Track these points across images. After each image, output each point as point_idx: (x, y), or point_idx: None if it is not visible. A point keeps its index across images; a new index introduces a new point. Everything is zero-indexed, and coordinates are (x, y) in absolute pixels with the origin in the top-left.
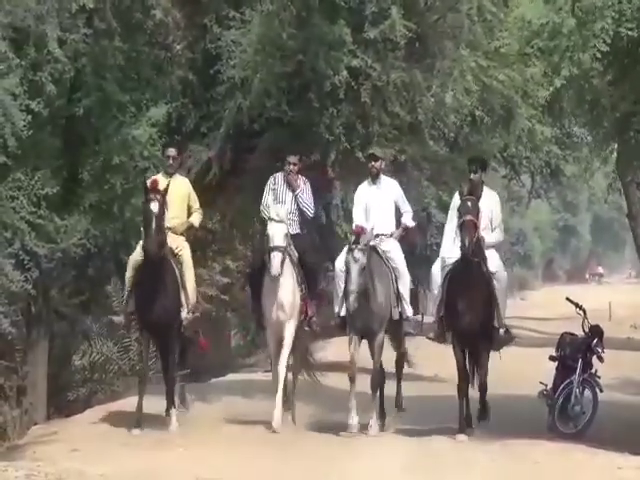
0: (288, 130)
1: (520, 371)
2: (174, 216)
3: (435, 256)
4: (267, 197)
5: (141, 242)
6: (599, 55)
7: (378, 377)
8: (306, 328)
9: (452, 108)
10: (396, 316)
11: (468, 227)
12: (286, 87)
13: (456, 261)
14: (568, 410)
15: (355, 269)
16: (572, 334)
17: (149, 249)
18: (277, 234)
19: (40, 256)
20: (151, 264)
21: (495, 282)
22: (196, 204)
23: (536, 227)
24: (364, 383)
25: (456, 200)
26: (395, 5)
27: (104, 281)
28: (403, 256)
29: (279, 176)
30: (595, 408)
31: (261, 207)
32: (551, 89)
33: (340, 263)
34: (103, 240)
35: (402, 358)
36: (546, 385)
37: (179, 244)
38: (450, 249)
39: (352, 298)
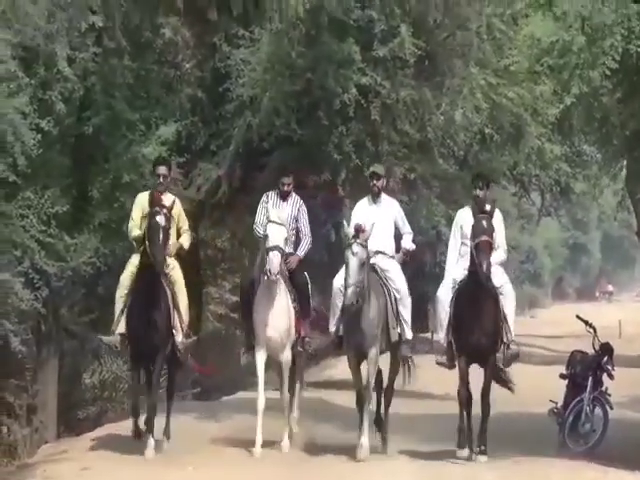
0: (297, 148)
1: (530, 389)
2: None
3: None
4: (261, 216)
5: (132, 260)
6: (609, 72)
7: (369, 396)
8: (299, 349)
9: (461, 126)
10: (395, 337)
11: (484, 248)
12: (295, 105)
13: (462, 281)
14: (578, 428)
15: (354, 263)
16: (582, 352)
17: (157, 262)
18: (276, 235)
19: (50, 275)
20: (144, 284)
21: (501, 297)
22: (185, 225)
23: (546, 245)
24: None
25: (460, 217)
26: (404, 23)
27: (114, 299)
28: (404, 277)
29: (272, 194)
30: (605, 426)
31: (254, 226)
32: (561, 107)
33: (339, 281)
34: (113, 258)
35: (390, 386)
36: (556, 403)
37: (170, 263)
38: (455, 268)
39: (350, 292)
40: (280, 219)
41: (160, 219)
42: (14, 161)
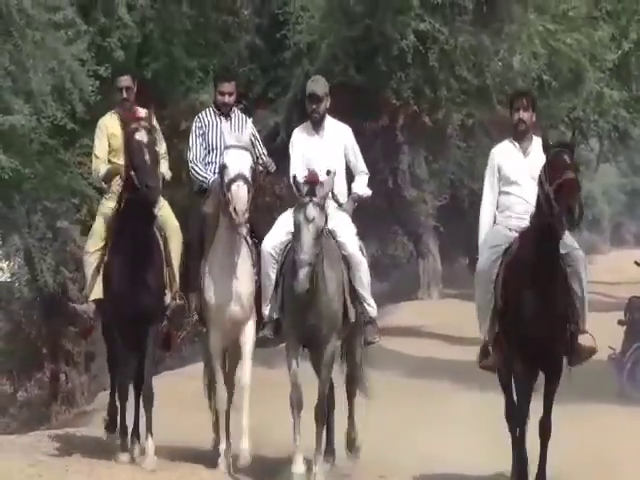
0: (356, 95)
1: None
2: None
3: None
4: (194, 147)
5: (102, 209)
6: None
7: (326, 403)
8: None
9: (520, 72)
10: (352, 318)
11: (572, 188)
12: (353, 52)
13: (513, 246)
14: (637, 374)
15: (309, 233)
16: None
17: (151, 191)
18: (239, 162)
19: None
20: (129, 231)
21: (569, 270)
22: (162, 148)
23: (604, 191)
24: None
25: (497, 155)
26: None
27: None
28: (356, 235)
29: (207, 114)
30: None
31: (189, 162)
32: (619, 52)
33: (270, 242)
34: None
35: (355, 379)
36: (615, 349)
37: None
38: (495, 229)
39: (303, 273)
40: (241, 142)
41: (141, 135)
42: (72, 108)
